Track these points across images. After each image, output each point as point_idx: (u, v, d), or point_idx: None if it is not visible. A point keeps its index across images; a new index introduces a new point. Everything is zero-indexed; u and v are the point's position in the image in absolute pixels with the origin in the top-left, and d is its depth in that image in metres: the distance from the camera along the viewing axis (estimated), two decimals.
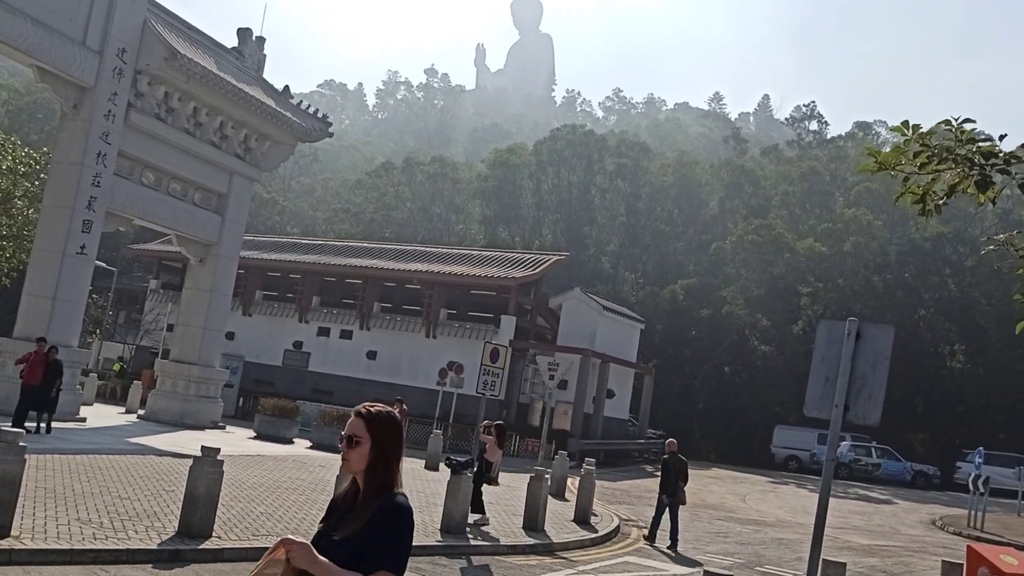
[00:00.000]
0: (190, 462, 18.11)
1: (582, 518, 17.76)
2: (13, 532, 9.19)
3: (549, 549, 14.77)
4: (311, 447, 26.46)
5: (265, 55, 30.21)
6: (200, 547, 10.44)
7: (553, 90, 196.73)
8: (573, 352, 35.13)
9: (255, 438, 26.89)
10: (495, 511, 16.91)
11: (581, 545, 15.65)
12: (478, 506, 15.43)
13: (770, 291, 50.86)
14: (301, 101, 31.77)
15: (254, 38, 29.78)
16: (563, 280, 49.55)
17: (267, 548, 3.14)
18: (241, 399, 38.60)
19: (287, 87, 30.79)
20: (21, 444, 9.05)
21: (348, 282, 42.09)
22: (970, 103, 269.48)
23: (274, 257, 43.47)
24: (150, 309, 45.63)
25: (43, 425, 19.33)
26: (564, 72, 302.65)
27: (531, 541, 14.76)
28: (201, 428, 27.10)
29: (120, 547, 9.79)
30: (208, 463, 10.78)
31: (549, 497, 16.92)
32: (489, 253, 42.33)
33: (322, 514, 3.46)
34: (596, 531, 16.88)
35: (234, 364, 36.49)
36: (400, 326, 39.50)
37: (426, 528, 14.24)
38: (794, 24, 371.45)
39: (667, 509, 16.93)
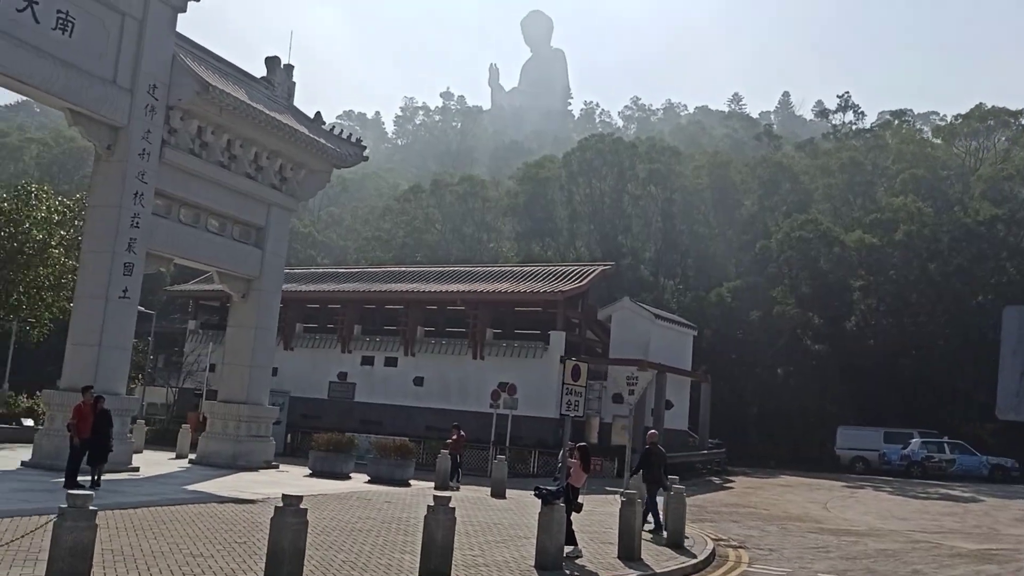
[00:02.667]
0: (255, 507, 17.38)
1: (675, 542, 16.54)
2: None
3: None
4: (369, 481, 25.45)
5: (294, 83, 29.50)
6: None
7: (570, 104, 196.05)
8: (627, 364, 33.81)
9: (311, 475, 25.95)
10: (581, 540, 15.75)
11: (684, 574, 14.47)
12: (570, 537, 14.29)
13: (820, 288, 49.33)
14: (333, 127, 31.00)
15: (282, 66, 29.09)
16: (602, 291, 48.32)
17: None
18: (289, 435, 37.75)
19: (319, 113, 30.06)
20: (92, 508, 8.09)
21: (389, 308, 41.19)
22: (994, 87, 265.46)
23: (312, 288, 42.70)
24: (191, 350, 44.98)
25: (99, 479, 18.47)
26: (579, 86, 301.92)
27: (633, 573, 13.59)
28: (255, 469, 26.22)
29: None
30: (291, 513, 9.77)
31: None
32: (531, 268, 41.29)
33: (409, 557, 2.26)
34: (695, 556, 15.66)
35: (280, 400, 35.62)
36: (446, 349, 38.50)
37: (520, 566, 13.13)
38: (800, 19, 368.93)
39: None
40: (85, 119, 21.98)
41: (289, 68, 29.35)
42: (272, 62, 28.89)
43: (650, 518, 17.92)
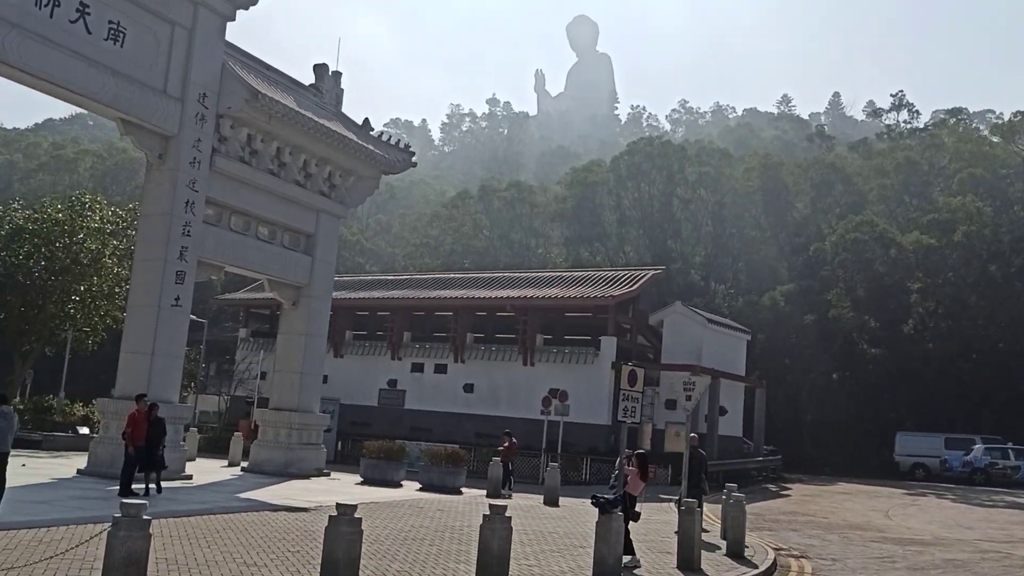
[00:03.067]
0: (307, 516, 17.25)
1: (735, 551, 16.05)
2: None
3: None
4: (420, 489, 25.25)
5: (342, 90, 29.54)
6: None
7: (616, 108, 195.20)
8: (680, 369, 33.29)
9: (362, 483, 25.81)
10: (638, 549, 15.33)
11: None
12: (627, 546, 13.90)
13: (876, 290, 48.15)
14: (382, 133, 30.97)
15: (330, 73, 29.12)
16: (653, 297, 47.69)
17: None
18: (339, 443, 37.76)
19: (367, 120, 30.04)
20: (145, 518, 7.93)
21: (438, 315, 41.11)
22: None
23: (361, 296, 42.79)
24: (242, 358, 45.37)
25: (152, 487, 18.53)
26: (625, 90, 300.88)
27: None
28: (307, 477, 26.19)
29: None
30: (345, 522, 9.55)
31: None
32: (580, 273, 40.91)
33: (464, 567, 1.97)
34: (756, 566, 15.14)
35: (331, 408, 35.64)
36: (496, 356, 38.27)
37: None
38: (846, 20, 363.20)
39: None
40: (136, 128, 22.16)
41: (337, 75, 29.38)
42: (320, 69, 28.93)
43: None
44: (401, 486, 25.66)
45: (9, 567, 10.20)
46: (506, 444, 26.97)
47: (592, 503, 13.15)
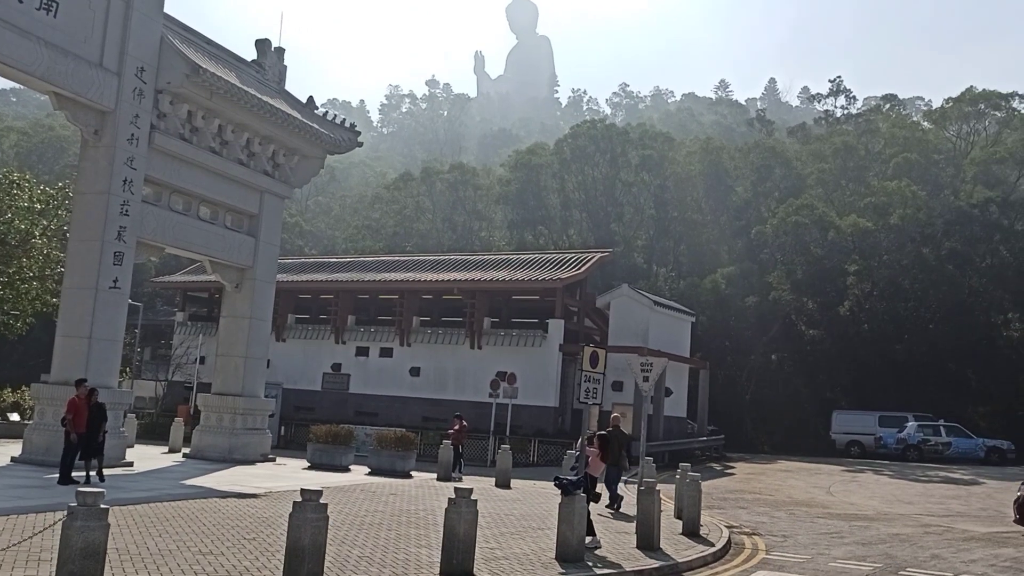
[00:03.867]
0: (258, 502, 16.84)
1: (691, 531, 16.17)
2: None
3: (675, 570, 13.20)
4: (370, 473, 24.93)
5: (286, 66, 28.80)
6: None
7: (556, 92, 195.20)
8: (627, 351, 33.44)
9: (309, 468, 25.40)
10: (597, 530, 15.30)
11: (705, 562, 14.07)
12: (588, 527, 13.84)
13: (814, 273, 49.11)
14: (325, 112, 30.31)
15: (273, 49, 28.36)
16: (596, 279, 47.89)
17: None
18: (283, 428, 37.17)
19: (311, 98, 29.35)
20: (103, 507, 7.54)
21: (383, 298, 40.61)
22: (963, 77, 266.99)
23: (304, 278, 42.02)
24: (180, 343, 44.24)
25: (93, 474, 17.90)
26: (565, 73, 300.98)
27: (655, 563, 13.17)
28: (252, 462, 25.68)
29: None
30: (311, 508, 9.26)
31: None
32: (528, 256, 40.80)
33: (426, 552, 1.81)
34: (713, 544, 15.27)
35: (274, 392, 35.01)
36: (442, 339, 37.98)
37: (540, 558, 12.67)
38: (777, 8, 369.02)
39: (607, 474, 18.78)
40: (71, 103, 21.24)
41: (280, 51, 28.62)
42: (263, 45, 28.15)
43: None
44: (349, 471, 25.31)
45: None
46: (456, 427, 26.78)
47: (555, 484, 13.04)
